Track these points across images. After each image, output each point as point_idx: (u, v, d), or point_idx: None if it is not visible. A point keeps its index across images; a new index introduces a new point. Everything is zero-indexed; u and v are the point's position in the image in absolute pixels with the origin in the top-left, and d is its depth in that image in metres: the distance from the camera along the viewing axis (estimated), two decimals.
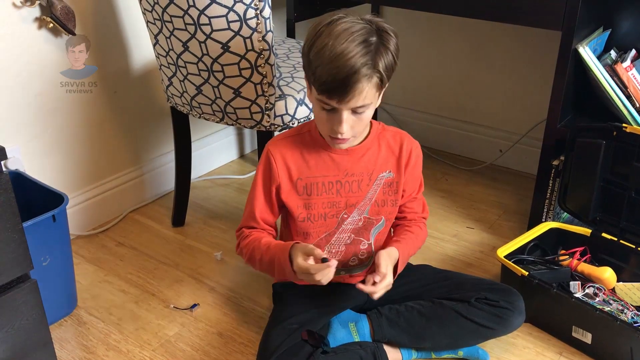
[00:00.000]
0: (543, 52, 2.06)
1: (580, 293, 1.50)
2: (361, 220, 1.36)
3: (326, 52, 1.12)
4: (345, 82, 1.11)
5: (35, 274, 1.15)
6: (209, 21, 1.42)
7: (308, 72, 1.20)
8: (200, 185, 2.19)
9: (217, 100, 1.56)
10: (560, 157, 1.70)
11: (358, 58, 1.11)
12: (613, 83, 1.59)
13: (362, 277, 1.43)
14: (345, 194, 1.34)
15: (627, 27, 1.73)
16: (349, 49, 1.10)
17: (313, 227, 1.35)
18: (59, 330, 1.52)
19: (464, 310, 1.34)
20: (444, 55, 2.31)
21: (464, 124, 2.37)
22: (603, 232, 1.61)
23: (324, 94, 1.15)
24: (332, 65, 1.11)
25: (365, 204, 1.35)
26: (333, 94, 1.14)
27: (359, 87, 1.12)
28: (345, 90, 1.12)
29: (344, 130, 1.19)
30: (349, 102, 1.14)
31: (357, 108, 1.17)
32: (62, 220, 1.46)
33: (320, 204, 1.33)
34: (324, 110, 1.20)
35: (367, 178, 1.34)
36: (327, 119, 1.20)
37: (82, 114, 1.81)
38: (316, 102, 1.20)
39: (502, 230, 1.92)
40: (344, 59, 1.10)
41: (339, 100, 1.14)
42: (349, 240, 1.38)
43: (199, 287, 1.67)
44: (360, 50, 1.11)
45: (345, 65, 1.10)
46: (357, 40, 1.12)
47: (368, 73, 1.12)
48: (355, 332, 1.36)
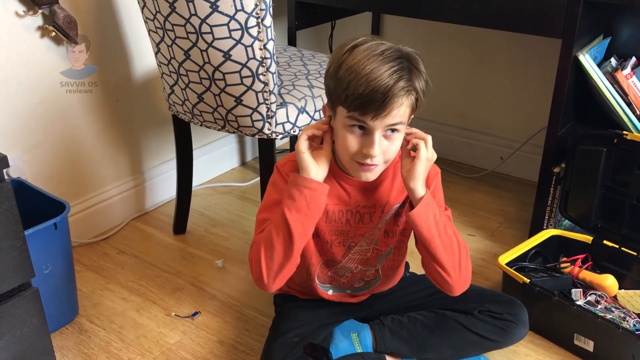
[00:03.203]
0: (544, 60, 2.06)
1: (582, 301, 1.50)
2: (369, 251, 1.31)
3: (360, 66, 1.06)
4: (384, 94, 1.05)
5: (37, 282, 1.15)
6: (210, 30, 1.43)
7: (336, 91, 1.10)
8: (201, 193, 2.19)
9: (218, 108, 1.56)
10: (561, 164, 1.70)
11: (395, 72, 1.06)
12: (613, 90, 1.59)
13: (365, 297, 1.41)
14: (355, 224, 1.27)
15: (627, 35, 1.74)
16: (385, 64, 1.06)
17: (319, 255, 1.30)
18: (60, 338, 1.52)
19: (467, 322, 1.33)
20: (445, 63, 2.32)
21: (465, 132, 2.38)
22: (604, 240, 1.61)
23: (357, 110, 1.07)
24: (369, 77, 1.05)
25: (375, 234, 1.29)
26: (369, 108, 1.06)
27: (398, 101, 1.06)
28: (383, 103, 1.05)
29: (376, 152, 1.09)
30: (385, 117, 1.07)
31: (390, 126, 1.10)
32: (63, 228, 1.46)
33: (327, 230, 1.27)
34: (352, 134, 1.11)
35: (380, 210, 1.27)
36: (357, 142, 1.11)
37: (84, 122, 1.81)
38: (344, 124, 1.11)
39: (504, 238, 1.92)
40: (382, 71, 1.05)
41: (374, 115, 1.06)
42: (355, 270, 1.34)
43: (200, 295, 1.67)
44: (396, 64, 1.07)
45: (384, 76, 1.05)
46: (392, 57, 1.07)
47: (406, 87, 1.07)
48: (358, 343, 1.35)
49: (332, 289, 1.39)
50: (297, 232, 1.12)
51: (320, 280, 1.36)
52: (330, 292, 1.39)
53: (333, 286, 1.38)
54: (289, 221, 1.12)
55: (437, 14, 1.76)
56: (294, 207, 1.12)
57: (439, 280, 1.22)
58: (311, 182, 1.12)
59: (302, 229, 1.13)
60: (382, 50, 1.07)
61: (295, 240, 1.12)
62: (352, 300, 1.41)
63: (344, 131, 1.12)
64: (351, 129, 1.11)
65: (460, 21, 1.76)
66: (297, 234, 1.12)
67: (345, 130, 1.11)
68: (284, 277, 1.17)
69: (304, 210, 1.12)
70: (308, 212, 1.13)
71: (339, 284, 1.38)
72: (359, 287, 1.39)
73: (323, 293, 1.38)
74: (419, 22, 2.29)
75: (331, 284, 1.38)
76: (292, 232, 1.12)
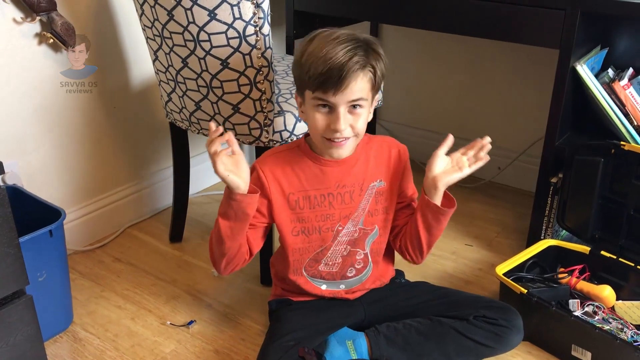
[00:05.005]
0: (541, 70, 2.07)
1: (579, 311, 1.49)
2: (357, 232, 1.38)
3: (319, 49, 1.17)
4: (340, 69, 1.15)
5: (31, 289, 1.15)
6: (208, 38, 1.43)
7: (300, 77, 1.22)
8: (198, 201, 2.18)
9: (216, 116, 1.56)
10: (558, 174, 1.70)
11: (351, 49, 1.17)
12: (611, 101, 1.60)
13: (360, 293, 1.44)
14: (338, 206, 1.35)
15: (624, 45, 1.74)
16: (341, 45, 1.17)
17: (309, 241, 1.36)
18: (54, 346, 1.50)
19: (462, 328, 1.34)
20: (443, 72, 2.32)
21: (462, 141, 2.37)
22: (602, 250, 1.60)
23: (319, 89, 1.18)
24: (326, 57, 1.16)
25: (359, 215, 1.37)
26: (328, 85, 1.17)
27: (354, 75, 1.17)
28: (340, 78, 1.16)
29: (342, 126, 1.20)
30: (345, 91, 1.18)
31: (353, 102, 1.20)
32: (59, 235, 1.45)
33: (313, 217, 1.35)
34: (320, 113, 1.22)
35: (359, 188, 1.35)
36: (324, 119, 1.22)
37: (80, 129, 1.81)
38: (311, 106, 1.23)
39: (501, 248, 1.92)
40: (338, 50, 1.16)
41: (335, 90, 1.17)
42: (345, 252, 1.38)
43: (195, 304, 1.66)
44: (351, 44, 1.17)
45: (339, 54, 1.16)
46: (347, 39, 1.18)
47: (361, 62, 1.17)
48: (353, 350, 1.35)
49: (326, 284, 1.42)
50: (225, 235, 1.26)
51: (312, 274, 1.40)
52: (324, 286, 1.42)
53: (326, 280, 1.41)
54: (220, 225, 1.26)
55: (435, 23, 1.77)
56: (225, 215, 1.26)
57: (413, 254, 1.39)
58: (236, 195, 1.23)
59: (230, 232, 1.26)
60: (338, 34, 1.20)
61: (225, 240, 1.27)
62: (347, 296, 1.43)
63: (312, 112, 1.23)
64: (318, 108, 1.22)
65: (459, 31, 1.77)
66: (226, 236, 1.26)
67: (313, 111, 1.23)
68: (231, 266, 1.33)
69: (232, 217, 1.25)
70: (236, 218, 1.25)
71: (332, 277, 1.40)
72: (351, 278, 1.41)
73: (316, 288, 1.41)
74: (417, 32, 2.29)
75: (324, 279, 1.41)
76: (222, 234, 1.26)
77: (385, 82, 1.43)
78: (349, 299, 1.43)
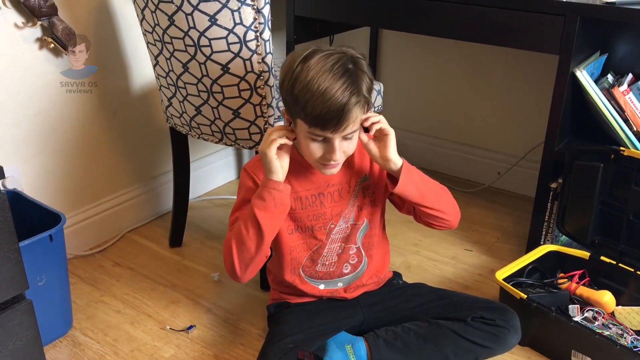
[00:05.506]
0: (541, 76, 2.07)
1: (579, 317, 1.49)
2: (348, 228, 1.40)
3: (313, 87, 1.16)
4: (339, 113, 1.16)
5: (31, 294, 1.15)
6: (209, 43, 1.43)
7: (294, 107, 1.21)
8: (198, 206, 2.18)
9: (216, 121, 1.56)
10: (558, 179, 1.70)
11: (346, 89, 1.16)
12: (610, 107, 1.60)
13: (358, 292, 1.45)
14: (329, 205, 1.37)
15: (623, 51, 1.75)
16: (336, 82, 1.16)
17: (303, 238, 1.38)
18: (54, 351, 1.50)
19: (460, 329, 1.34)
20: (443, 77, 2.33)
21: (462, 146, 2.38)
22: (602, 255, 1.60)
23: (317, 127, 1.19)
24: (323, 99, 1.15)
25: (350, 211, 1.39)
26: (327, 126, 1.18)
27: (352, 115, 1.18)
28: (339, 120, 1.17)
29: (338, 157, 1.23)
30: (344, 130, 1.19)
31: (348, 134, 1.22)
32: (59, 240, 1.45)
33: (305, 216, 1.37)
34: (315, 142, 1.23)
35: (347, 185, 1.38)
36: (320, 149, 1.24)
37: (81, 134, 1.81)
38: (305, 135, 1.22)
39: (501, 253, 1.92)
40: (334, 92, 1.15)
41: (333, 130, 1.19)
42: (340, 249, 1.41)
43: (195, 309, 1.66)
44: (345, 80, 1.16)
45: (336, 97, 1.15)
46: (340, 72, 1.17)
47: (357, 100, 1.18)
48: (352, 354, 1.35)
49: (324, 283, 1.43)
50: (266, 229, 1.25)
51: (309, 274, 1.41)
52: (322, 286, 1.43)
53: (324, 280, 1.43)
54: (259, 219, 1.24)
55: (435, 29, 1.77)
56: (263, 206, 1.24)
57: (438, 223, 1.38)
58: (278, 184, 1.24)
59: (271, 225, 1.26)
60: (332, 65, 1.17)
61: (265, 235, 1.25)
62: (345, 295, 1.44)
63: (306, 140, 1.24)
64: (313, 138, 1.22)
65: (458, 36, 1.77)
66: (267, 230, 1.25)
67: (308, 140, 1.23)
68: (254, 268, 1.30)
69: (272, 209, 1.25)
70: (275, 210, 1.25)
71: (329, 276, 1.42)
72: (348, 274, 1.43)
73: (314, 288, 1.43)
74: (417, 37, 2.30)
75: (322, 279, 1.43)
76: (262, 228, 1.24)
77: (385, 86, 1.44)
78: (347, 298, 1.44)
